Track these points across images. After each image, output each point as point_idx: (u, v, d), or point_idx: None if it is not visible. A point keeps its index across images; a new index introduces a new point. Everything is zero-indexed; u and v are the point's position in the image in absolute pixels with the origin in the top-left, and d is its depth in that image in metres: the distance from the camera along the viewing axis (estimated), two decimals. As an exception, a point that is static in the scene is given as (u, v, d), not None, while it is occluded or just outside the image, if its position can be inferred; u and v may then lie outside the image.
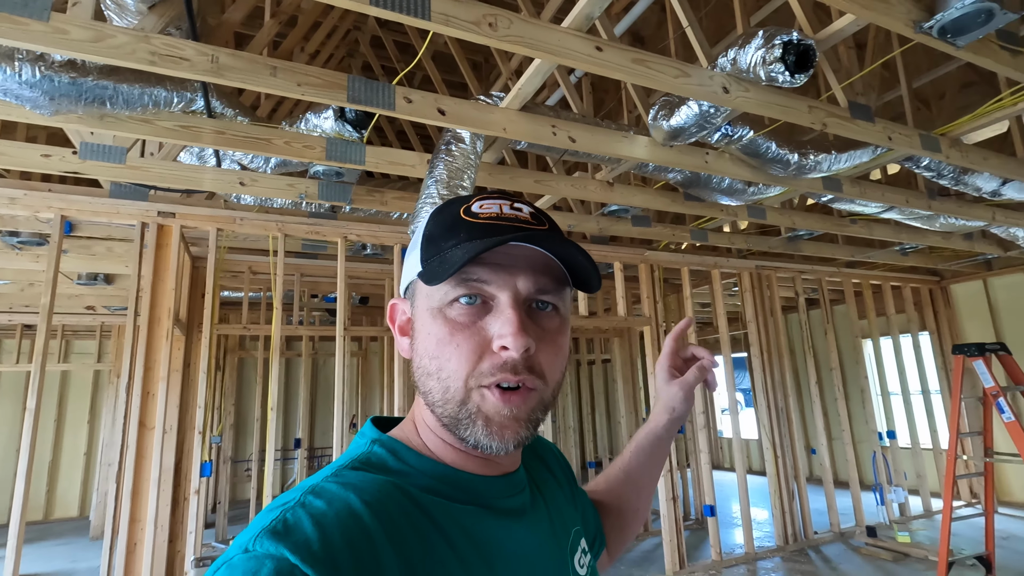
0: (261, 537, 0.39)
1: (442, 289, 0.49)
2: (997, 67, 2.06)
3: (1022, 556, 4.08)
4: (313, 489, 0.44)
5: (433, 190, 2.30)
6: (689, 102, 2.31)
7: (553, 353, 0.50)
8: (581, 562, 0.59)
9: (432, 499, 0.48)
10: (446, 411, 0.49)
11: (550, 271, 0.51)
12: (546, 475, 0.64)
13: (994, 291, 6.03)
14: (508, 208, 0.52)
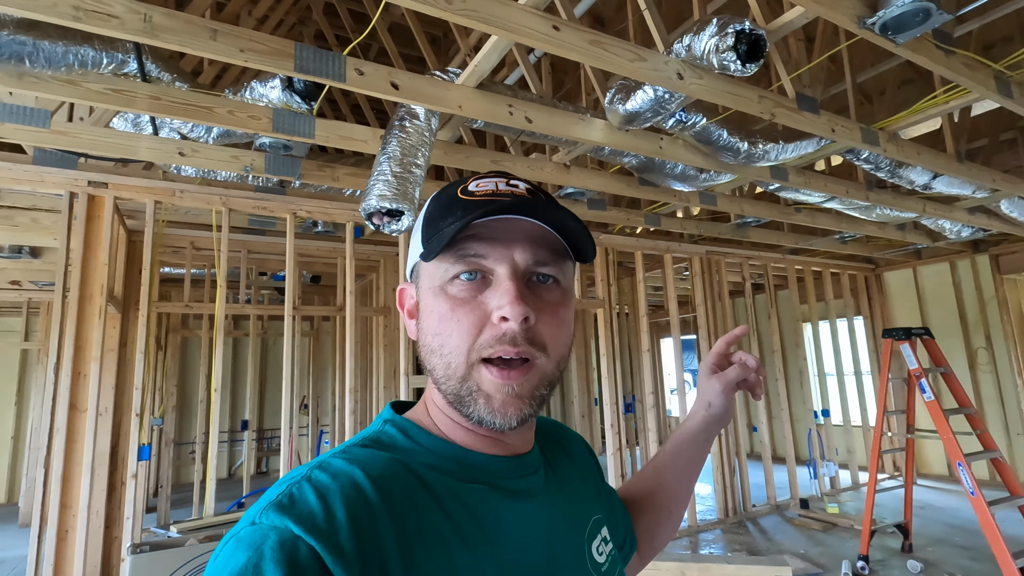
0: (267, 510, 0.40)
1: (442, 267, 0.50)
2: (932, 65, 2.15)
3: (936, 523, 4.43)
4: (320, 464, 0.45)
5: (386, 167, 2.24)
6: (645, 87, 2.32)
7: (555, 325, 0.50)
8: (600, 550, 0.58)
9: (437, 476, 0.49)
10: (449, 387, 0.49)
11: (548, 243, 0.51)
12: (566, 463, 0.63)
13: (922, 279, 6.42)
14: (504, 184, 0.53)
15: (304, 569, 0.38)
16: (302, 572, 0.37)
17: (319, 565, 0.38)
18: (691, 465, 0.76)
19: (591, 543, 0.57)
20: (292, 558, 0.38)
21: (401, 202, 2.23)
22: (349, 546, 0.40)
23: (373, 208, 2.23)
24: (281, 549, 0.38)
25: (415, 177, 2.27)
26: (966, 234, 5.19)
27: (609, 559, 0.58)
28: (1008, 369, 5.70)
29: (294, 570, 0.37)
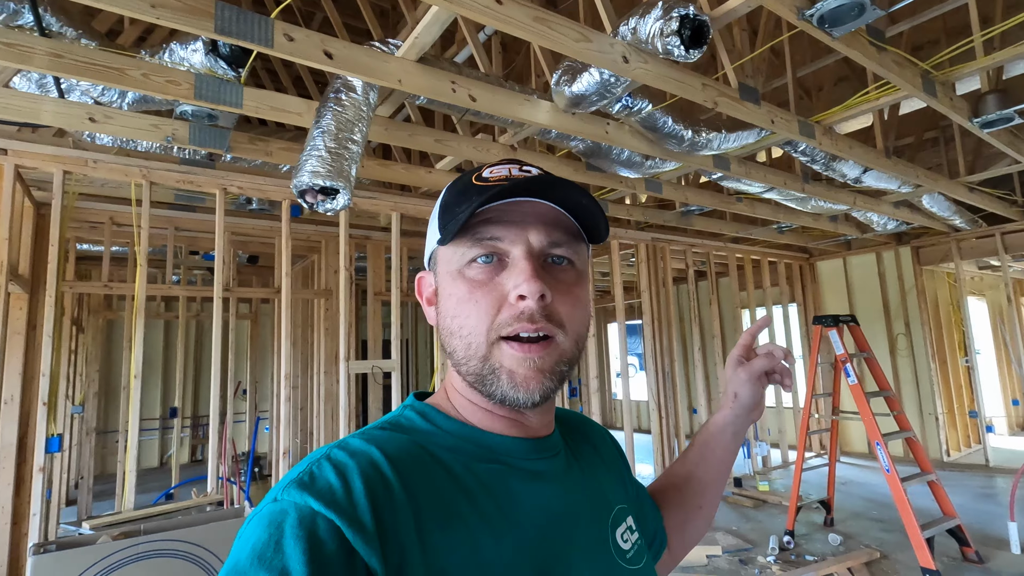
0: (289, 487, 0.42)
1: (459, 251, 0.51)
2: (865, 61, 2.22)
3: (855, 498, 4.73)
4: (339, 444, 0.47)
5: (320, 142, 2.11)
6: (591, 69, 2.29)
7: (571, 304, 0.51)
8: (625, 537, 0.57)
9: (454, 456, 0.50)
10: (470, 368, 0.50)
11: (562, 225, 0.52)
12: (588, 451, 0.63)
13: (851, 268, 6.78)
14: (517, 170, 0.53)
15: (323, 543, 0.39)
16: (322, 546, 0.39)
17: (339, 539, 0.39)
18: (720, 459, 0.74)
19: (615, 530, 0.56)
20: (312, 533, 0.39)
21: (336, 179, 2.11)
22: (368, 519, 0.41)
23: (305, 185, 2.11)
24: (300, 525, 0.39)
25: (351, 154, 2.16)
26: (891, 227, 5.49)
27: (635, 547, 0.57)
28: (924, 354, 6.11)
29: (314, 544, 0.38)
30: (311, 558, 0.38)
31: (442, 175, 3.52)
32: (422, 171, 3.45)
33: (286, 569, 0.37)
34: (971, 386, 6.18)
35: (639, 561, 0.57)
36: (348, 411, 3.41)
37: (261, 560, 0.38)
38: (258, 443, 6.51)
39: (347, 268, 3.50)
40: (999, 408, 7.44)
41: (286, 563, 0.37)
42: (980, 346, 7.41)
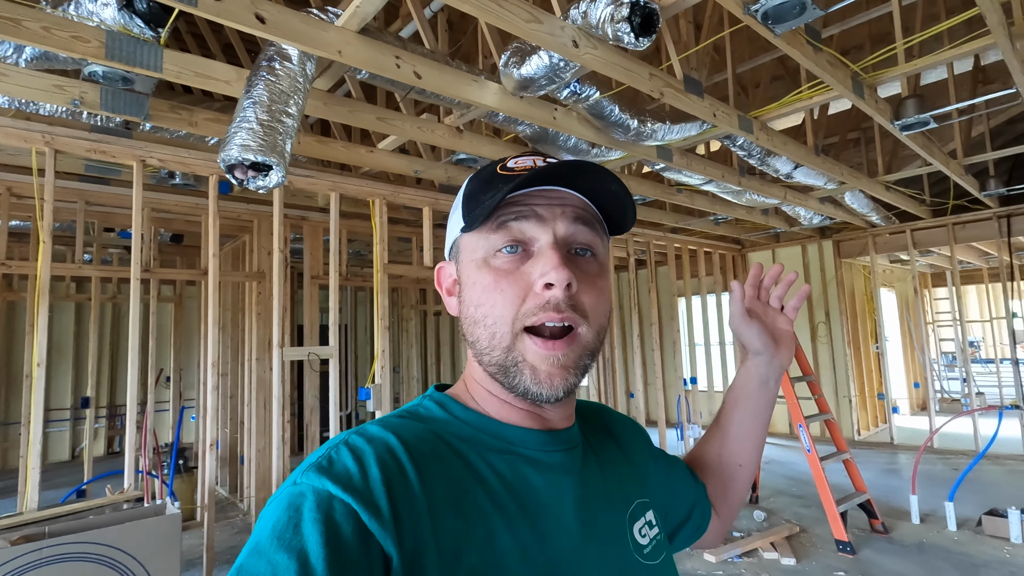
0: (308, 471, 0.43)
1: (484, 240, 0.51)
2: (803, 59, 2.30)
3: (778, 476, 5.03)
4: (357, 431, 0.48)
5: (250, 113, 1.96)
6: (540, 52, 2.24)
7: (595, 295, 0.51)
8: (643, 532, 0.57)
9: (469, 446, 0.50)
10: (493, 358, 0.50)
11: (587, 216, 0.53)
12: (610, 445, 0.63)
13: (778, 260, 7.14)
14: (542, 162, 0.53)
15: (340, 526, 0.40)
16: (338, 529, 0.40)
17: (355, 522, 0.40)
18: (752, 410, 0.73)
19: (633, 524, 0.56)
20: (329, 516, 0.40)
21: (269, 155, 1.97)
22: (383, 504, 0.42)
23: (234, 159, 1.95)
24: (318, 508, 0.40)
25: (286, 128, 2.02)
26: (816, 221, 5.81)
27: (653, 543, 0.57)
28: (841, 341, 6.56)
29: (331, 527, 0.39)
30: (328, 540, 0.39)
31: (384, 155, 3.39)
32: (363, 150, 3.30)
33: (304, 550, 0.38)
34: (880, 370, 6.69)
35: (656, 557, 0.56)
36: (282, 400, 3.26)
37: (280, 540, 0.39)
38: (183, 433, 6.14)
39: (281, 250, 3.32)
40: (903, 390, 8.12)
41: (304, 544, 0.39)
42: (888, 334, 8.04)
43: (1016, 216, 5.58)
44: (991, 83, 4.66)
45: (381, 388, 3.57)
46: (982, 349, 13.85)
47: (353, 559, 0.39)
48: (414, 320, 8.04)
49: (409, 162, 3.54)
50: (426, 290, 8.07)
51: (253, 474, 4.10)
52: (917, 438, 6.18)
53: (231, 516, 4.43)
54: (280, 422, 3.23)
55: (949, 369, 10.79)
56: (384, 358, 3.62)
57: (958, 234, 5.91)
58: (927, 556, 3.24)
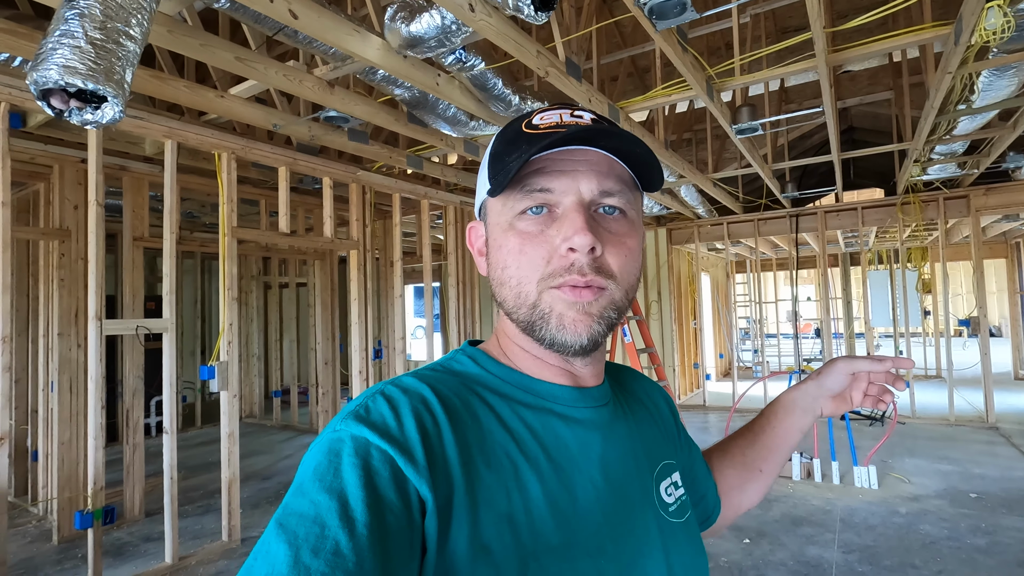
0: (347, 419, 0.45)
1: (509, 203, 0.51)
2: (673, 57, 2.50)
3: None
4: (393, 382, 0.50)
5: (76, 25, 1.57)
6: (432, 10, 2.14)
7: (623, 255, 0.51)
8: (669, 492, 0.58)
9: (500, 399, 0.52)
10: (520, 315, 0.51)
11: (614, 173, 0.51)
12: (639, 406, 0.64)
13: (622, 244, 7.82)
14: (568, 116, 0.52)
15: (377, 471, 0.41)
16: (375, 473, 0.41)
17: (392, 468, 0.42)
18: (787, 428, 0.74)
19: (659, 484, 0.57)
20: (366, 461, 0.42)
21: (103, 82, 1.61)
22: (419, 451, 0.43)
23: (53, 83, 1.56)
24: (357, 454, 0.42)
25: (126, 52, 1.66)
26: (656, 210, 6.46)
27: (679, 503, 0.58)
28: (669, 318, 7.43)
29: (368, 472, 0.41)
30: (366, 483, 0.41)
31: (238, 103, 2.99)
32: (212, 94, 2.87)
33: (344, 491, 0.40)
34: (697, 343, 7.74)
35: (682, 515, 0.57)
36: (99, 382, 2.75)
37: (322, 482, 0.41)
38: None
39: (100, 202, 2.76)
40: (711, 361, 9.51)
41: (344, 486, 0.40)
42: (703, 312, 9.33)
43: (803, 216, 6.78)
44: (791, 103, 5.57)
45: (228, 366, 3.20)
46: (766, 326, 16.81)
47: (390, 501, 0.41)
48: (255, 292, 7.31)
49: (267, 114, 3.16)
50: (270, 259, 7.37)
51: (54, 471, 3.42)
52: (723, 400, 7.29)
53: (20, 523, 3.66)
54: (98, 408, 2.73)
55: (742, 342, 12.92)
56: (231, 333, 3.24)
57: (761, 228, 7.01)
58: (736, 497, 3.86)
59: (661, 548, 0.52)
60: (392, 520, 0.40)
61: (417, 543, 0.41)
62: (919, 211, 6.04)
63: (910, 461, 4.51)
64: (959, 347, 12.55)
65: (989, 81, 2.98)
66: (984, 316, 5.61)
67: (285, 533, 0.38)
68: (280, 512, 0.40)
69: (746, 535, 3.22)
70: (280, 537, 0.38)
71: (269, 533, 0.39)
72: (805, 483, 4.07)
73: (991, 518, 3.32)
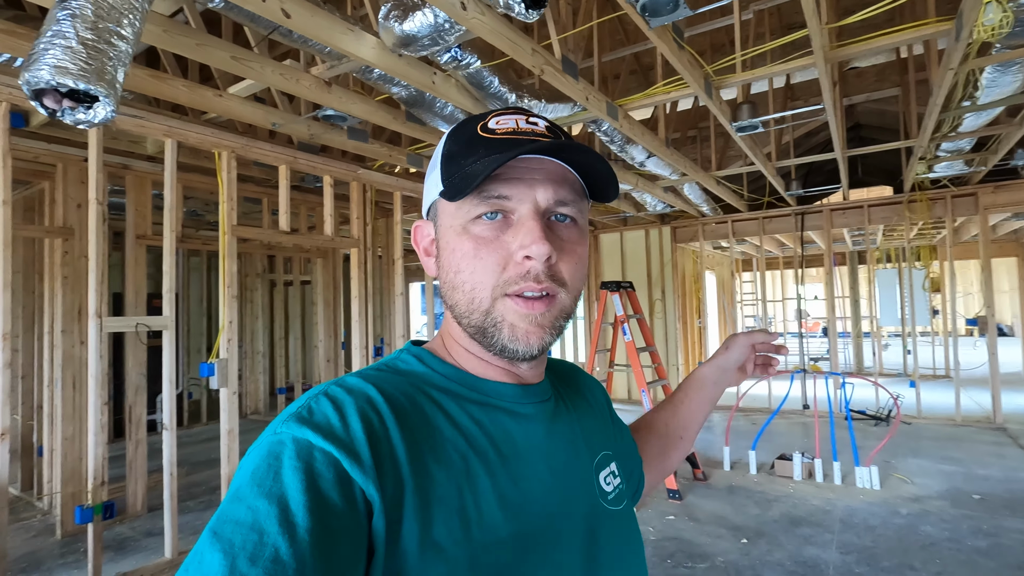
0: (288, 421, 0.44)
1: (465, 207, 0.51)
2: (669, 55, 2.49)
3: (619, 437, 5.57)
4: (337, 382, 0.49)
5: (68, 27, 1.59)
6: (425, 9, 2.14)
7: (574, 263, 0.52)
8: (608, 481, 0.60)
9: (448, 397, 0.52)
10: (472, 321, 0.51)
11: (568, 183, 0.52)
12: (578, 399, 0.66)
13: (626, 242, 7.80)
14: (524, 123, 0.53)
15: (320, 473, 0.41)
16: (318, 476, 0.40)
17: (336, 469, 0.41)
18: (704, 398, 0.84)
19: (599, 473, 0.59)
20: (309, 464, 0.41)
21: (94, 82, 1.62)
22: (365, 452, 0.43)
23: (45, 83, 1.57)
24: (298, 456, 0.41)
25: (118, 52, 1.68)
26: (659, 208, 6.43)
27: (616, 491, 0.60)
28: (673, 316, 7.40)
29: (311, 474, 0.40)
30: (308, 486, 0.40)
31: (236, 102, 3.00)
32: (210, 93, 2.88)
33: (284, 496, 0.39)
34: (701, 342, 7.70)
35: (619, 503, 0.60)
36: (100, 378, 2.78)
37: (260, 487, 0.40)
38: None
39: (100, 201, 2.79)
40: (717, 359, 9.46)
41: (284, 491, 0.39)
42: (709, 310, 9.27)
43: (808, 214, 6.72)
44: (797, 99, 5.52)
45: (227, 363, 3.22)
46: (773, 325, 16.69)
47: (334, 504, 0.40)
48: (260, 290, 7.36)
49: (266, 113, 3.17)
50: (275, 257, 7.41)
51: (57, 466, 3.47)
52: (725, 399, 7.25)
53: (25, 517, 3.71)
54: (98, 404, 2.76)
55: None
56: (231, 330, 3.26)
57: (767, 226, 6.96)
58: (735, 496, 3.84)
59: (599, 535, 0.55)
60: (336, 524, 0.39)
61: (363, 546, 0.41)
62: (926, 209, 5.97)
63: (914, 461, 4.47)
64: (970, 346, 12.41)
65: (993, 77, 2.93)
66: (992, 315, 5.54)
67: (220, 542, 0.37)
68: (214, 521, 0.39)
69: (744, 535, 3.20)
70: (215, 546, 0.37)
71: (202, 543, 0.37)
72: (806, 483, 4.05)
73: (993, 520, 3.28)
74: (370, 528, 0.41)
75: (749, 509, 3.60)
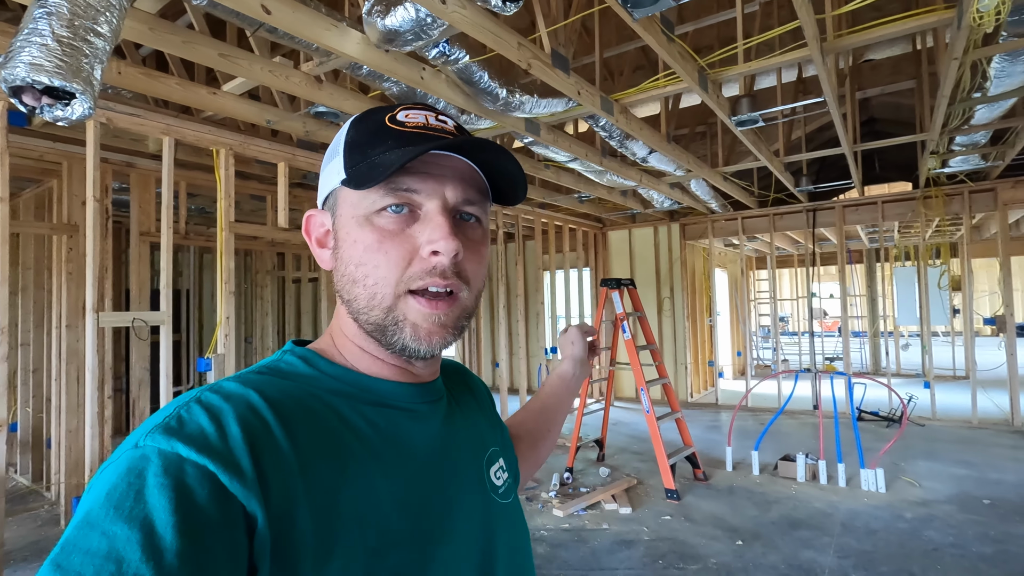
0: (153, 433, 0.39)
1: (370, 197, 0.50)
2: (657, 47, 2.44)
3: (623, 435, 5.53)
4: (210, 388, 0.45)
5: (44, 25, 1.61)
6: (406, 3, 2.13)
7: (477, 262, 0.53)
8: (498, 475, 0.61)
9: (341, 400, 0.50)
10: (371, 318, 0.50)
11: (475, 183, 0.53)
12: (469, 398, 0.67)
13: (634, 239, 7.72)
14: (434, 119, 0.53)
15: (193, 490, 0.37)
16: (191, 493, 0.36)
17: (213, 485, 0.37)
18: (567, 392, 0.94)
19: (489, 468, 0.60)
20: (179, 480, 0.37)
21: (71, 79, 1.65)
22: (247, 464, 0.39)
23: (21, 80, 1.60)
24: (166, 473, 0.37)
25: (94, 49, 1.70)
26: (667, 205, 6.35)
27: (505, 485, 0.62)
28: (681, 315, 7.31)
29: (182, 492, 0.36)
30: (179, 506, 0.35)
31: (230, 100, 3.03)
32: (204, 91, 2.91)
33: (149, 519, 0.35)
34: (711, 341, 7.60)
35: (509, 496, 0.61)
36: (97, 372, 2.83)
37: (118, 510, 0.35)
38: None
39: (97, 199, 2.84)
40: (729, 358, 9.32)
41: (149, 512, 0.35)
42: (719, 309, 9.14)
43: (820, 211, 6.58)
44: (809, 93, 5.39)
45: (224, 359, 3.26)
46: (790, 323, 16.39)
47: (210, 524, 0.36)
48: (270, 287, 7.45)
49: (260, 110, 3.20)
50: (284, 254, 7.49)
51: (62, 458, 3.55)
52: (736, 399, 7.15)
53: (34, 507, 3.81)
54: (95, 397, 2.81)
55: (765, 340, 12.62)
56: (228, 326, 3.30)
57: (777, 223, 6.83)
58: (735, 497, 3.78)
59: (494, 528, 0.56)
60: (213, 544, 0.36)
61: (243, 566, 0.37)
62: (942, 205, 5.80)
63: (924, 464, 4.35)
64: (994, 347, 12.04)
65: (1002, 67, 2.83)
66: (1011, 314, 5.36)
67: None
68: (58, 552, 0.33)
69: (740, 536, 3.15)
70: None
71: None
72: (810, 485, 3.96)
73: (1002, 526, 3.17)
74: (252, 547, 0.38)
75: (748, 510, 3.54)
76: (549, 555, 3.00)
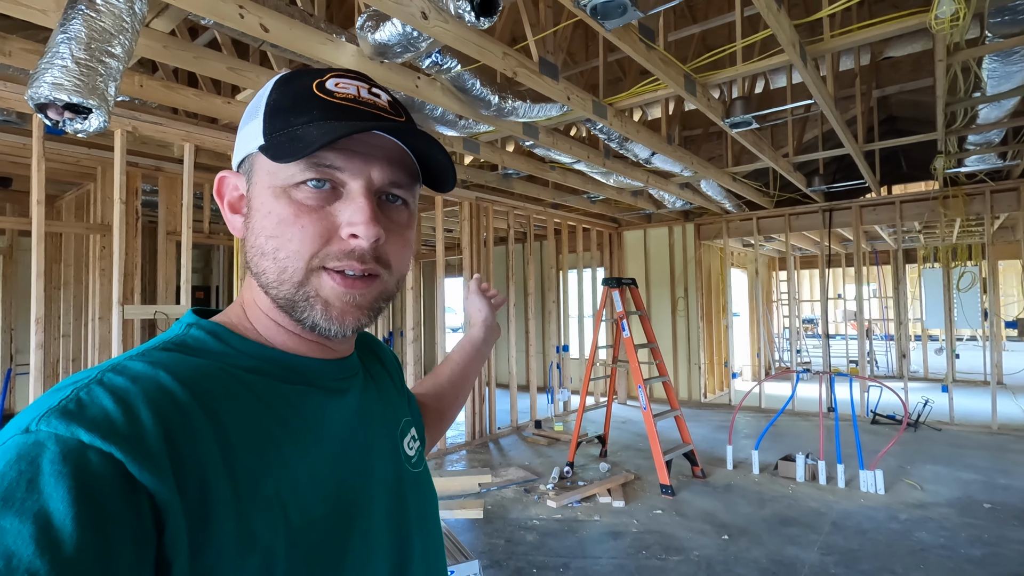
0: (48, 417, 0.35)
1: (289, 169, 0.47)
2: (635, 55, 2.53)
3: (629, 433, 5.59)
4: (114, 368, 0.41)
5: (64, 49, 1.82)
6: (393, 19, 2.28)
7: (401, 245, 0.51)
8: (410, 446, 0.62)
9: (257, 378, 0.47)
10: (281, 292, 0.48)
11: (404, 165, 0.51)
12: (380, 370, 0.66)
13: (649, 239, 7.74)
14: (366, 92, 0.50)
15: (96, 478, 0.33)
16: (93, 481, 0.33)
17: (118, 473, 0.34)
18: (479, 356, 0.96)
19: (403, 439, 0.61)
20: (80, 468, 0.33)
21: (88, 96, 1.86)
22: (158, 448, 0.36)
23: (45, 98, 1.82)
24: (64, 460, 0.33)
25: (109, 69, 1.90)
26: (679, 205, 6.37)
27: (417, 454, 0.63)
28: (696, 315, 7.30)
29: (82, 481, 0.33)
30: (79, 496, 0.32)
31: (243, 108, 3.25)
32: (219, 100, 3.14)
33: (44, 510, 0.31)
34: (727, 341, 7.56)
35: (420, 465, 0.63)
36: (123, 360, 3.08)
37: (7, 503, 0.31)
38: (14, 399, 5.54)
39: (124, 200, 3.10)
40: (747, 359, 9.23)
41: (44, 503, 0.31)
42: (739, 309, 9.06)
43: (836, 210, 6.49)
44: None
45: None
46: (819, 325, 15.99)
47: (115, 516, 0.33)
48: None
49: (272, 118, 3.41)
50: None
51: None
52: (751, 400, 7.10)
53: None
54: (120, 383, 3.07)
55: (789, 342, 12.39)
56: (243, 319, 3.53)
57: (792, 223, 6.76)
58: (730, 495, 3.82)
59: (407, 497, 0.57)
60: (118, 537, 0.33)
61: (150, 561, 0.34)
62: (963, 205, 5.67)
63: (931, 468, 4.29)
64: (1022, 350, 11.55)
65: (994, 67, 2.81)
66: (1033, 318, 5.20)
67: None
68: None
69: (727, 532, 3.20)
70: None
71: None
72: (808, 485, 3.97)
73: (997, 529, 3.14)
74: (163, 540, 0.35)
75: (741, 508, 3.58)
76: (537, 543, 3.12)
